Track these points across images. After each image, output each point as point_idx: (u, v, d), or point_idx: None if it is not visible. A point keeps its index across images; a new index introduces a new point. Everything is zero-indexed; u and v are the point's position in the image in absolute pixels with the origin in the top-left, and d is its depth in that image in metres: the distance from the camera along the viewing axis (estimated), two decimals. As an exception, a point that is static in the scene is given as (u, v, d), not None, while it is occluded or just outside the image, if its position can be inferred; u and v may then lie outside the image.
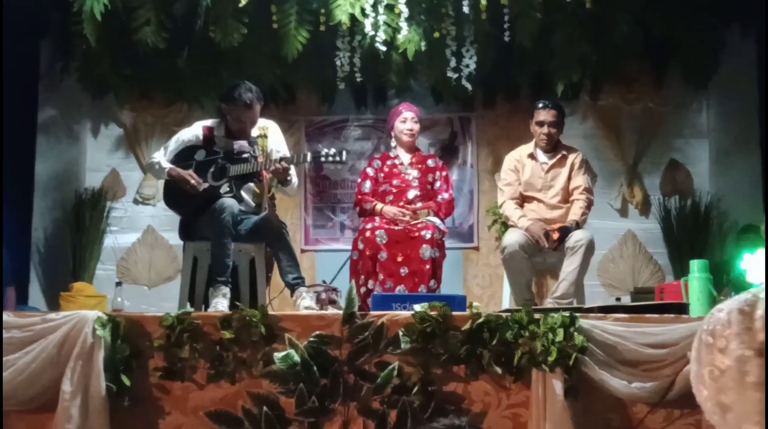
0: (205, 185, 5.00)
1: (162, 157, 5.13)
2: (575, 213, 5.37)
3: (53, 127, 7.12)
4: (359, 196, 5.75)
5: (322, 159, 5.08)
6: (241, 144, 5.11)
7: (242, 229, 5.00)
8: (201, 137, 5.15)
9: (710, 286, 4.26)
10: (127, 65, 6.62)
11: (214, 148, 5.12)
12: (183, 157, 5.12)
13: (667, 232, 6.94)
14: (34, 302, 6.44)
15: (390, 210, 5.55)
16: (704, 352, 1.22)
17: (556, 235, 5.20)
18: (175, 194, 5.10)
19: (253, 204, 5.19)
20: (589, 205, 5.48)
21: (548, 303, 5.11)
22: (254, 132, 5.17)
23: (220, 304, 4.69)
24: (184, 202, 5.08)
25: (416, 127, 5.77)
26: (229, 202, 4.88)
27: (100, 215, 7.03)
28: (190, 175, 4.98)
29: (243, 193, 5.11)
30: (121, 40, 6.29)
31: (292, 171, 5.16)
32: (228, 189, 5.00)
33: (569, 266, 5.14)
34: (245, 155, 5.08)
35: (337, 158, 5.04)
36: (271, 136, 5.22)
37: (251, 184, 5.16)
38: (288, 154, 5.19)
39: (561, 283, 5.15)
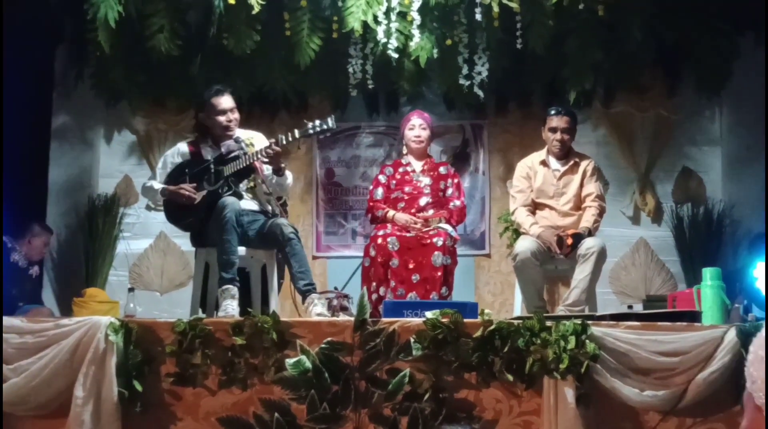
0: (203, 193, 4.97)
1: (154, 181, 5.14)
2: (587, 220, 5.35)
3: (67, 133, 7.16)
4: (371, 203, 5.76)
5: (310, 131, 4.88)
6: (228, 144, 5.08)
7: (251, 232, 4.98)
8: (186, 152, 5.15)
9: (723, 294, 4.25)
10: (140, 72, 6.65)
11: (203, 159, 5.10)
12: (176, 176, 5.08)
13: (679, 240, 6.92)
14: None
15: (401, 217, 5.55)
16: None
17: (570, 241, 5.18)
18: (176, 210, 5.08)
19: (257, 206, 5.15)
20: (601, 212, 5.47)
21: (560, 310, 5.10)
22: (241, 141, 5.13)
23: (230, 307, 4.66)
24: (187, 215, 5.05)
25: (424, 134, 5.76)
26: (230, 199, 4.86)
27: (113, 221, 7.06)
28: (182, 188, 4.97)
29: (245, 194, 5.08)
30: (134, 47, 6.32)
31: (288, 174, 5.13)
32: (228, 188, 4.96)
33: (581, 274, 5.12)
34: (235, 153, 5.03)
35: (324, 127, 4.86)
36: (258, 145, 5.12)
37: (251, 185, 5.12)
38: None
39: (573, 291, 5.14)
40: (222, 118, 5.07)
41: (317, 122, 4.88)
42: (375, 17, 5.90)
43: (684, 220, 6.92)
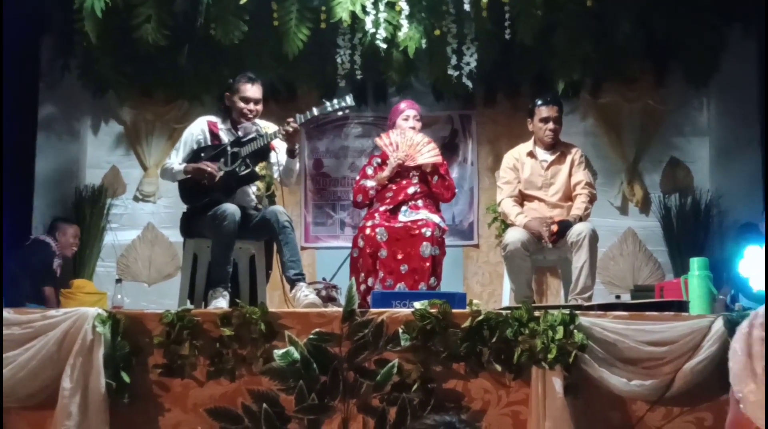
0: (221, 173, 4.90)
1: (175, 160, 5.05)
2: (578, 208, 5.32)
3: (54, 124, 7.13)
4: (358, 186, 5.70)
5: (329, 109, 4.95)
6: (245, 126, 5.04)
7: (248, 225, 4.94)
8: (206, 130, 5.09)
9: (710, 284, 4.27)
10: (127, 63, 6.61)
11: (220, 142, 5.06)
12: (191, 160, 5.02)
13: (667, 230, 6.94)
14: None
15: (390, 164, 5.53)
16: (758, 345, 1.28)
17: (555, 228, 5.16)
18: (193, 189, 4.99)
19: (255, 201, 5.15)
20: (592, 199, 5.43)
21: (571, 301, 5.05)
22: (257, 124, 5.12)
23: (220, 303, 4.65)
24: (203, 196, 4.95)
25: (418, 125, 5.75)
26: (231, 209, 4.78)
27: (101, 212, 7.04)
28: (206, 164, 4.90)
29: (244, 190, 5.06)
30: (121, 37, 6.28)
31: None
32: (245, 167, 4.92)
33: (578, 261, 5.08)
34: (252, 135, 4.99)
35: (342, 104, 4.93)
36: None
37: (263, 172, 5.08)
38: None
39: (578, 280, 5.06)
40: (243, 105, 5.04)
41: (335, 101, 4.94)
42: (363, 7, 5.89)
43: (672, 211, 6.95)
